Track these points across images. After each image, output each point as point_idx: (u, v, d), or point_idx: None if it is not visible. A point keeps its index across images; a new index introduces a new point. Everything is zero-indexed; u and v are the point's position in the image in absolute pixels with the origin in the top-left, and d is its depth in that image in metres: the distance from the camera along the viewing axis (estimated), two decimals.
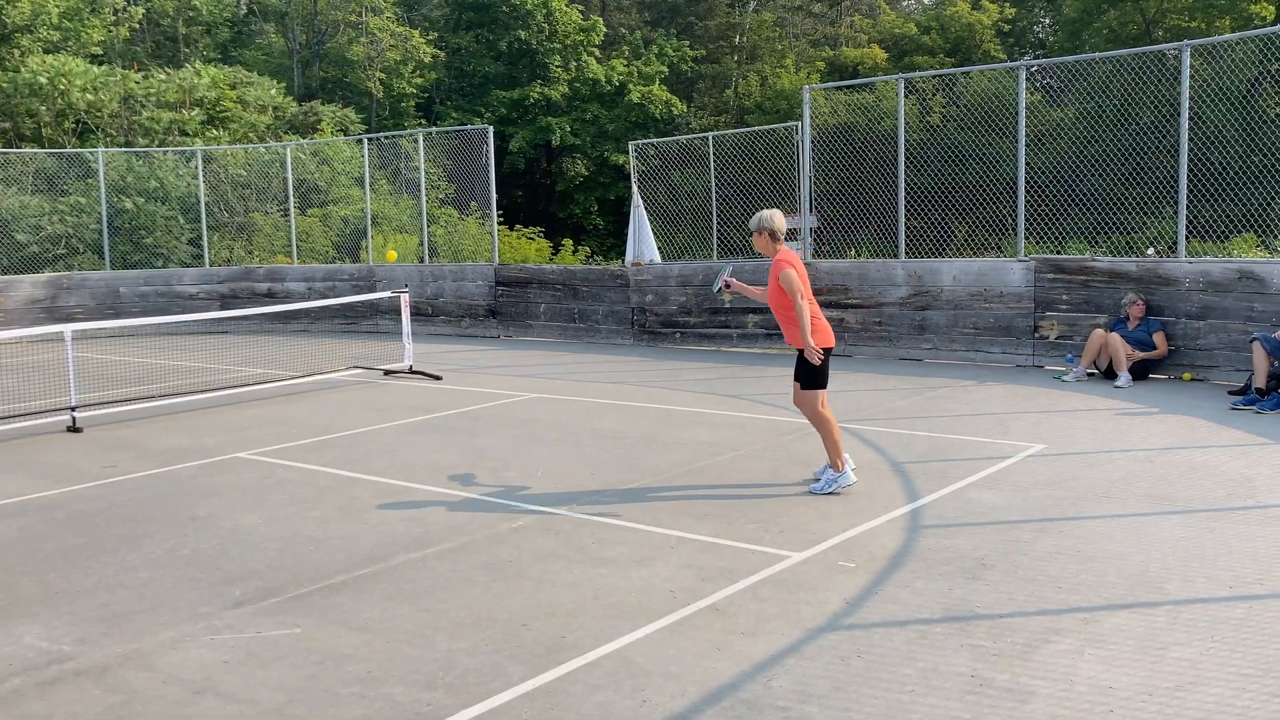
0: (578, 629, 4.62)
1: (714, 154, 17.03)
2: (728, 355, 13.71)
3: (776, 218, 6.87)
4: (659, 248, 16.40)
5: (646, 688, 4.03)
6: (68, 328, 9.99)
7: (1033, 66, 12.36)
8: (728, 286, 7.24)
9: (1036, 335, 11.76)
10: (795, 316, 6.71)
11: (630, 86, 39.66)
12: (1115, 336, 10.58)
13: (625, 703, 3.92)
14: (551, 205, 40.03)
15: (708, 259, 17.26)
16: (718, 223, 17.33)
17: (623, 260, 17.60)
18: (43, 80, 26.59)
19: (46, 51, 30.03)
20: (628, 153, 38.17)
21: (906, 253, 12.83)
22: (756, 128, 17.74)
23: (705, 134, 18.13)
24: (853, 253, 14.91)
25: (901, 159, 12.64)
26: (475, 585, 5.20)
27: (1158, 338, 10.67)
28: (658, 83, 40.36)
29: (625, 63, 40.61)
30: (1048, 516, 6.13)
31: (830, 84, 16.05)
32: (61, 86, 26.75)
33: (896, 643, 4.40)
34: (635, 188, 16.26)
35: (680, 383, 11.48)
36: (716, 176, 17.23)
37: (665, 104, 39.84)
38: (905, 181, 12.63)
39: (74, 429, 9.53)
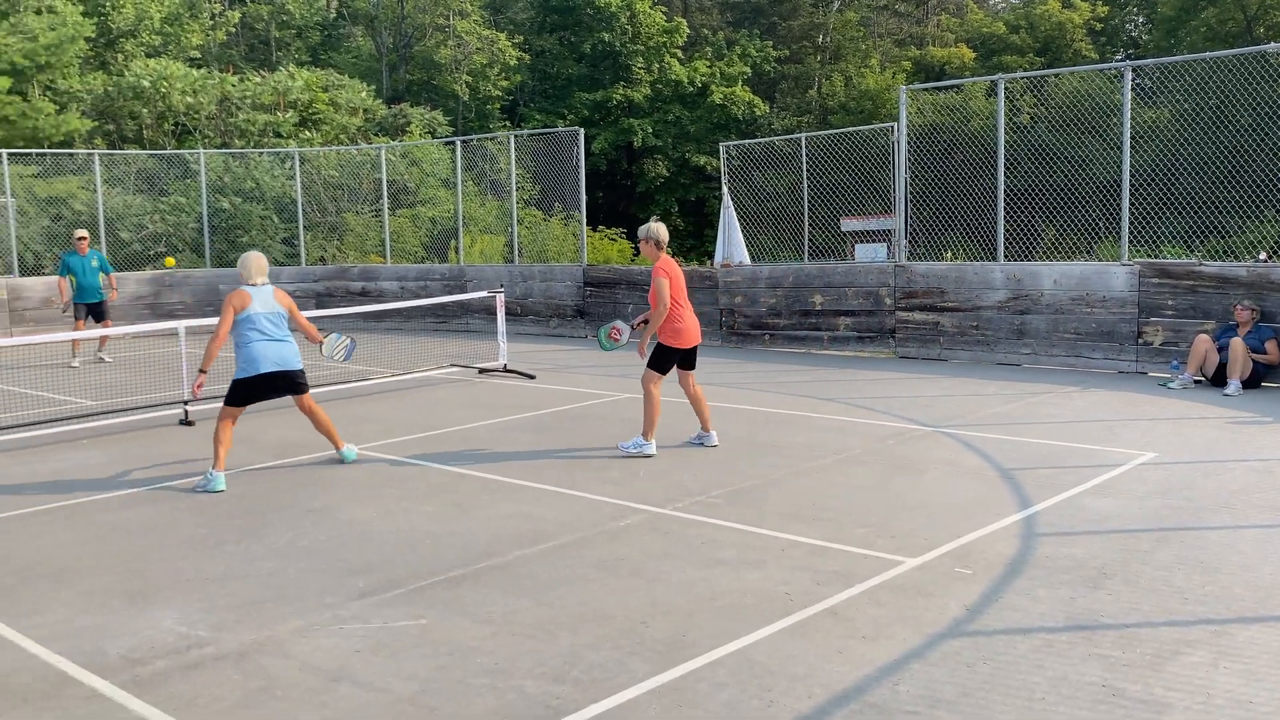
0: (697, 628, 4.65)
1: (805, 155, 16.93)
2: (818, 358, 13.64)
3: (661, 230, 8.27)
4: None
5: (772, 688, 4.05)
6: (181, 324, 10.32)
7: (1136, 66, 12.06)
8: (618, 332, 8.71)
9: (1140, 341, 11.50)
10: (654, 314, 8.03)
11: (712, 87, 39.66)
12: (1238, 342, 10.27)
13: (752, 702, 3.94)
14: (632, 206, 40.19)
15: (798, 261, 17.19)
16: (813, 224, 17.24)
17: (710, 261, 17.62)
18: (145, 83, 27.49)
19: (149, 56, 31.07)
20: (709, 154, 38.40)
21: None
22: (849, 128, 17.61)
23: (796, 135, 18.05)
24: (949, 255, 14.74)
25: (1001, 160, 12.46)
26: (591, 582, 5.26)
27: (1270, 345, 10.36)
28: (740, 83, 40.30)
29: (708, 64, 40.62)
30: (1166, 526, 6.00)
31: (927, 85, 15.85)
32: (163, 90, 27.63)
33: (1022, 650, 4.35)
34: (725, 189, 16.26)
35: (773, 385, 11.45)
36: (801, 177, 17.15)
37: (747, 105, 39.77)
38: (995, 183, 12.45)
39: (186, 422, 9.85)
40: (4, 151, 19.97)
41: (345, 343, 8.72)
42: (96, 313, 14.66)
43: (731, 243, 15.69)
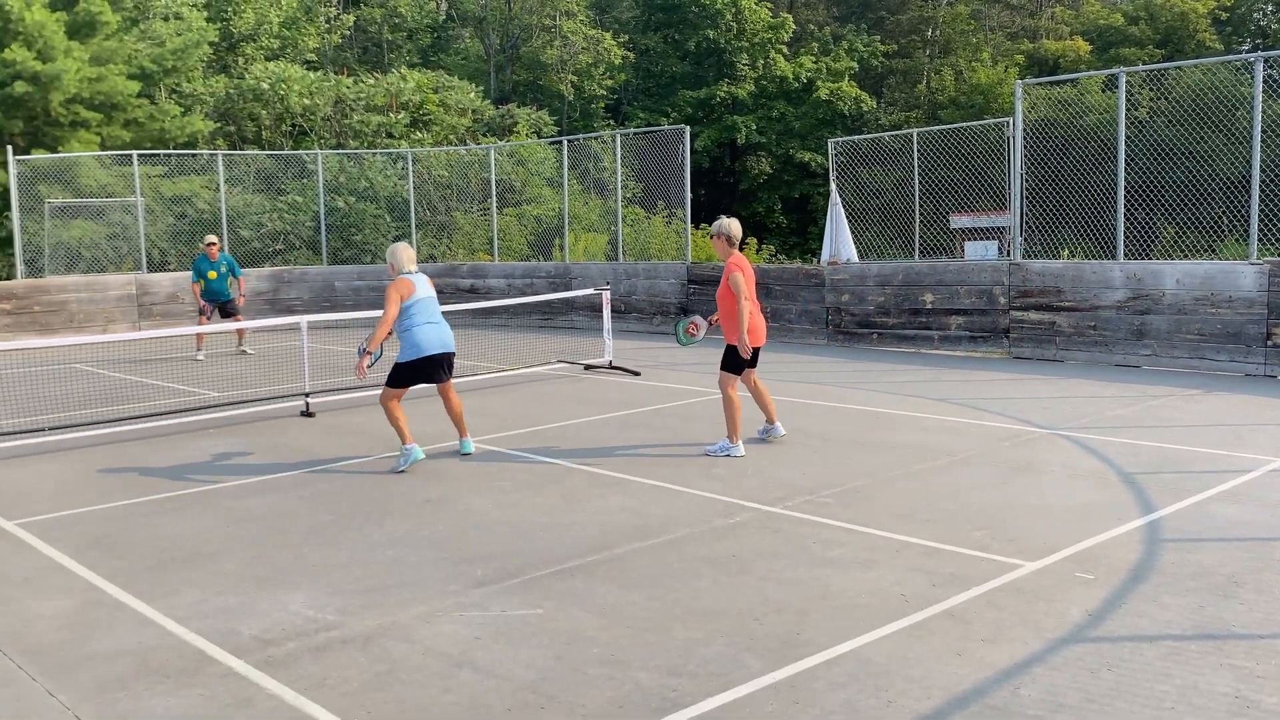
0: (810, 626, 4.65)
1: (917, 151, 16.68)
2: (928, 358, 13.43)
3: (734, 226, 8.17)
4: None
5: (889, 688, 4.03)
6: (303, 319, 10.67)
7: (1270, 58, 11.55)
8: (696, 328, 8.83)
9: (1269, 343, 11.05)
10: (737, 313, 7.94)
11: (818, 83, 39.29)
12: None
13: (869, 701, 3.92)
14: (734, 203, 40.06)
15: (907, 259, 16.94)
16: (921, 221, 16.97)
17: (814, 259, 17.48)
18: (264, 86, 28.42)
19: (267, 59, 32.12)
20: (813, 150, 38.08)
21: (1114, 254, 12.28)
22: (961, 124, 17.28)
23: (907, 131, 17.79)
24: (1065, 253, 14.37)
25: (1121, 157, 12.09)
26: (702, 578, 5.30)
27: None
28: (846, 79, 39.84)
29: (813, 59, 40.26)
30: None
31: (1043, 79, 15.46)
32: (281, 92, 28.52)
33: (1148, 658, 4.24)
34: (834, 186, 16.11)
35: (881, 385, 11.32)
36: (909, 173, 16.90)
37: (854, 100, 39.29)
38: (1114, 179, 12.08)
39: (307, 414, 10.18)
40: (135, 153, 20.90)
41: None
42: (225, 311, 15.21)
43: (839, 240, 15.54)
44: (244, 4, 32.28)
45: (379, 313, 12.33)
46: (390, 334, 7.85)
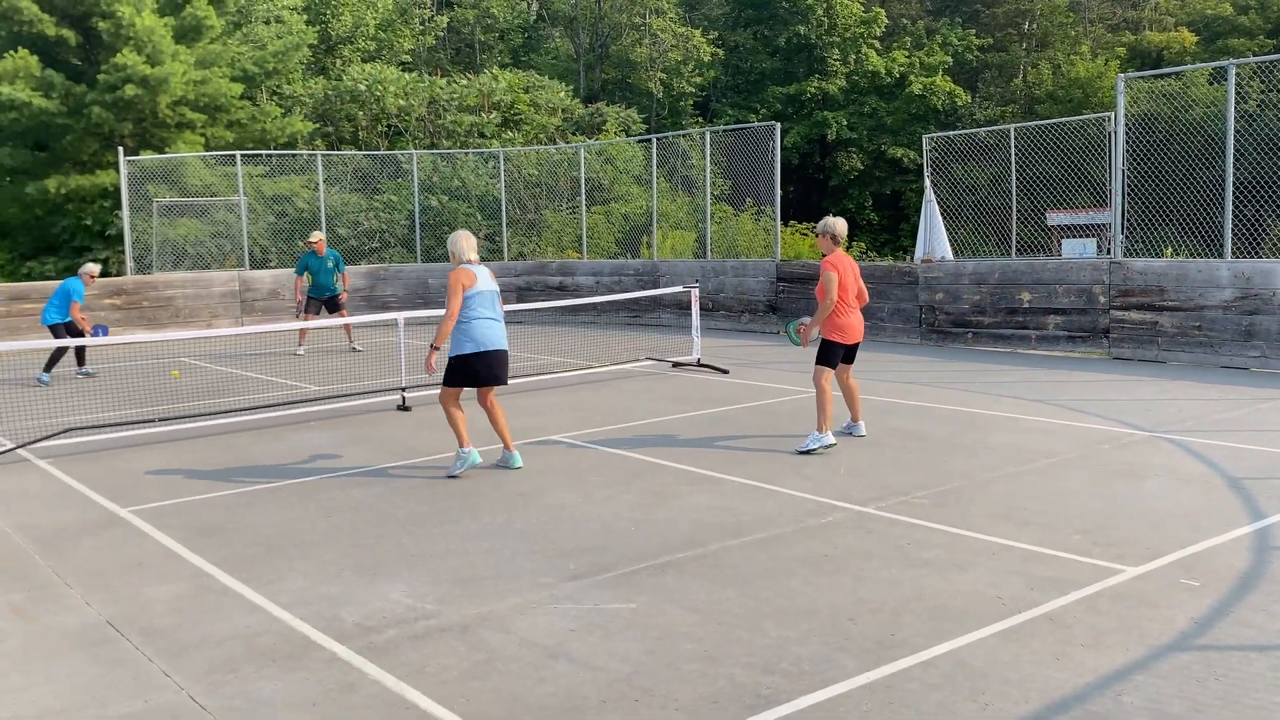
0: (905, 627, 4.61)
1: (1014, 147, 16.35)
2: (1025, 358, 13.16)
3: (840, 225, 8.35)
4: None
5: (986, 691, 3.98)
6: (400, 315, 10.90)
7: None
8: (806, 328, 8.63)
9: None
10: (820, 307, 8.17)
11: (911, 78, 38.73)
12: None
13: (966, 704, 3.88)
14: (824, 200, 39.71)
15: (1003, 256, 16.61)
16: (1017, 218, 16.64)
17: (906, 256, 17.25)
18: (361, 87, 29.08)
19: (364, 61, 32.85)
20: (906, 146, 37.53)
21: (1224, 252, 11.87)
22: (1060, 119, 16.88)
23: (1004, 126, 17.44)
24: (1168, 251, 13.94)
25: (1230, 151, 11.69)
26: (795, 577, 5.29)
27: None
28: (940, 73, 39.18)
29: (906, 54, 39.70)
30: None
31: (1146, 72, 15.02)
32: (377, 93, 29.15)
33: (1259, 668, 4.12)
34: (928, 182, 15.88)
35: (977, 385, 11.13)
36: (1005, 169, 16.56)
37: (948, 95, 38.63)
38: (1222, 175, 11.68)
39: (403, 408, 10.41)
40: (238, 153, 21.56)
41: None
42: (331, 305, 15.49)
43: (933, 237, 15.32)
44: (342, 7, 33.05)
45: None
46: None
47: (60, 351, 13.08)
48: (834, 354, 8.27)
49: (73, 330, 12.99)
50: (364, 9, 33.95)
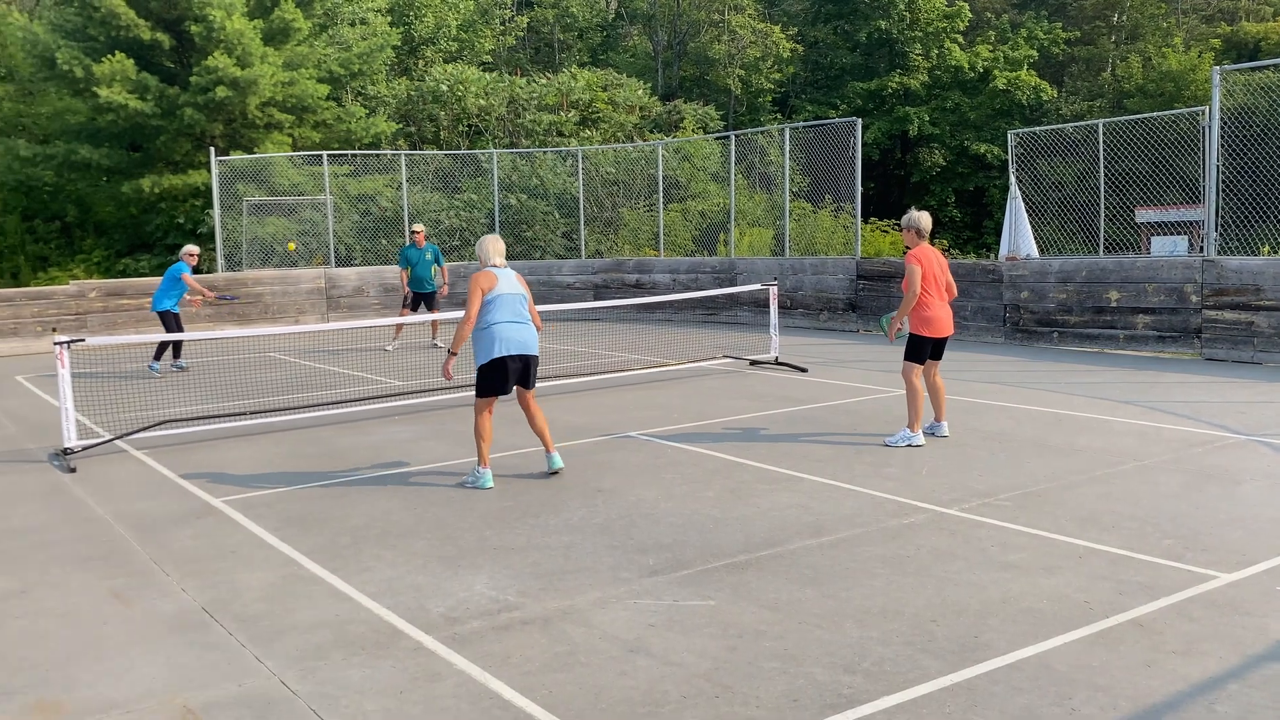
0: (989, 630, 4.55)
1: (1103, 142, 15.97)
2: (1112, 358, 12.86)
3: (924, 219, 8.27)
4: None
5: (1072, 696, 3.91)
6: None
7: None
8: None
9: None
10: (904, 300, 8.16)
11: (995, 72, 38.01)
12: None
13: (1052, 709, 3.82)
14: (905, 197, 39.17)
15: (1091, 254, 16.23)
16: (1105, 215, 16.25)
17: (990, 254, 16.95)
18: (443, 88, 29.48)
19: (446, 61, 33.30)
20: (989, 142, 36.83)
21: None
22: (1151, 113, 16.43)
23: (1092, 121, 17.04)
24: (1266, 249, 13.50)
25: None
26: (876, 577, 5.25)
27: None
28: (1025, 67, 38.40)
29: (990, 48, 38.97)
30: None
31: (1243, 64, 14.55)
32: (458, 93, 29.53)
33: None
34: (1013, 179, 15.59)
35: (1063, 385, 10.91)
36: (1092, 165, 16.18)
37: (1033, 89, 37.83)
38: None
39: None
40: (324, 153, 22.04)
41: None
42: (427, 301, 15.65)
43: (1018, 235, 15.03)
44: (425, 9, 33.54)
45: (564, 307, 12.66)
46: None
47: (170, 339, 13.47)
48: (922, 349, 8.26)
49: (178, 322, 13.47)
50: (446, 10, 34.41)
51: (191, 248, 13.92)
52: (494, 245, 7.44)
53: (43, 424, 10.15)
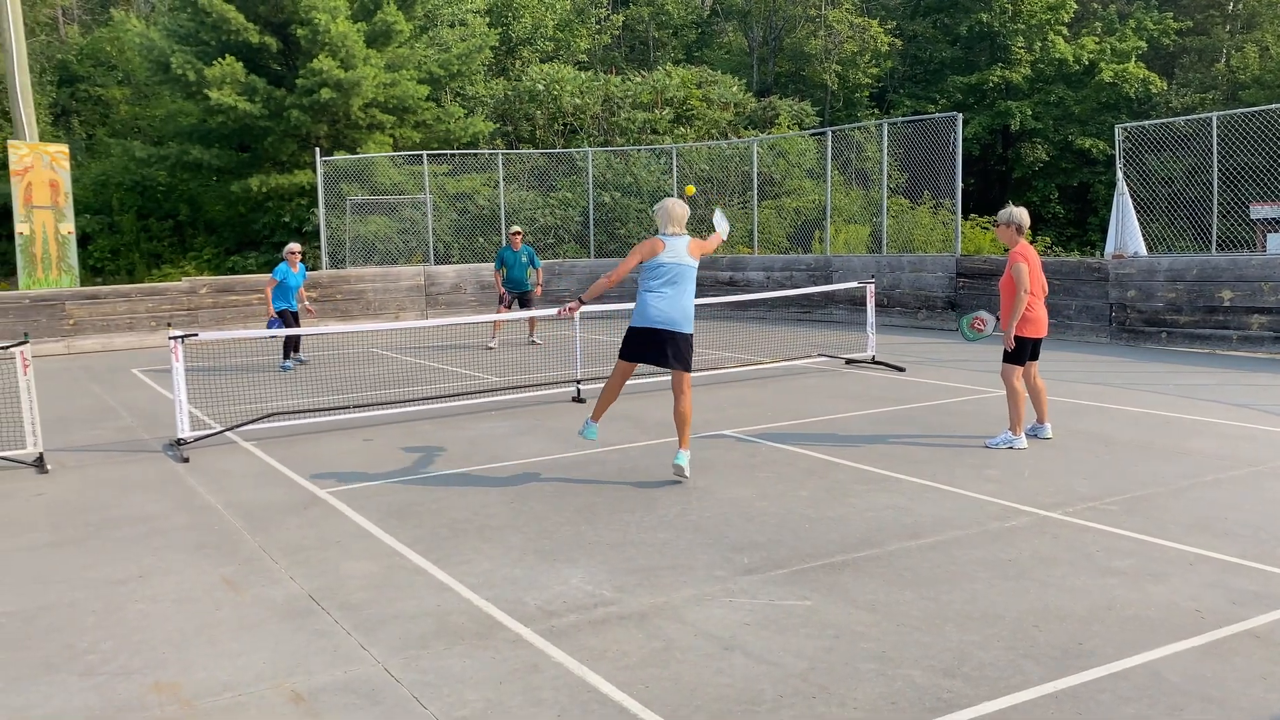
0: (1094, 637, 4.44)
1: (1217, 136, 15.40)
2: (1224, 359, 12.41)
3: (1023, 215, 8.04)
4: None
5: (1184, 708, 3.80)
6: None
7: None
8: (982, 322, 8.59)
9: None
10: (1014, 302, 7.93)
11: (1101, 65, 36.91)
12: None
13: None
14: (1006, 193, 38.31)
15: (1203, 252, 15.68)
16: (1218, 212, 15.67)
17: (1097, 251, 16.47)
18: (540, 87, 29.80)
19: (542, 61, 33.65)
20: (1094, 136, 35.79)
21: None
22: (1269, 106, 15.80)
23: (1206, 114, 16.45)
24: None
25: None
26: (976, 580, 5.16)
27: None
28: (1133, 59, 37.21)
29: (1096, 40, 37.86)
30: None
31: None
32: (554, 92, 29.81)
33: None
34: (1120, 174, 15.14)
35: (1171, 387, 10.57)
36: (1204, 160, 15.59)
37: (1141, 82, 36.64)
38: None
39: (578, 399, 10.65)
40: (424, 153, 22.48)
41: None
42: (523, 300, 15.79)
43: (1125, 231, 14.58)
44: (522, 9, 33.93)
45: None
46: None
47: (292, 336, 13.63)
48: (1022, 349, 8.10)
49: (291, 316, 13.73)
50: (543, 11, 34.76)
51: (293, 245, 13.91)
52: (672, 211, 7.19)
53: (157, 415, 10.56)
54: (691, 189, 8.65)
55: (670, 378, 7.33)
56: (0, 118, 28.90)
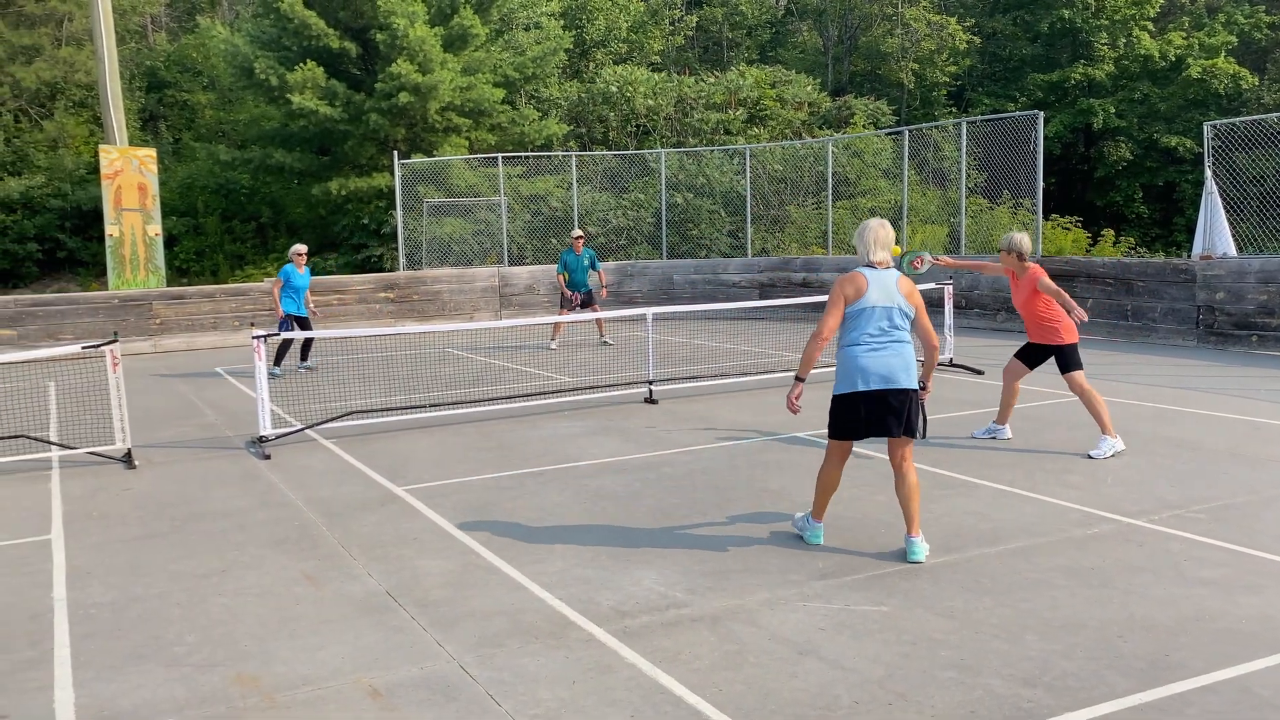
0: (1183, 649, 4.31)
1: None
2: None
3: (1022, 240, 8.20)
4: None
5: None
6: (649, 310, 11.17)
7: None
8: (920, 261, 8.82)
9: None
10: (1049, 317, 8.02)
11: (1189, 60, 35.88)
12: None
13: None
14: (1088, 193, 37.46)
15: None
16: None
17: (1184, 252, 16.01)
18: (613, 89, 29.90)
19: (615, 63, 33.77)
20: (1181, 134, 34.82)
21: None
22: None
23: None
24: None
25: None
26: (1057, 589, 5.05)
27: None
28: (1223, 55, 36.11)
29: (1183, 35, 36.82)
30: None
31: None
32: (628, 94, 29.90)
33: None
34: (1209, 173, 14.70)
35: (1262, 392, 10.23)
36: None
37: (1231, 78, 35.53)
38: None
39: (650, 400, 10.65)
40: (499, 155, 22.70)
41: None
42: (586, 302, 15.95)
43: (1214, 232, 14.15)
44: (596, 12, 34.08)
45: (730, 305, 12.62)
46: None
47: (286, 344, 13.38)
48: (1076, 355, 8.09)
49: (303, 322, 13.29)
50: (617, 13, 34.88)
51: (299, 247, 13.52)
52: (875, 235, 5.60)
53: (240, 413, 10.81)
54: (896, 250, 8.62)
55: (887, 447, 5.75)
56: (92, 123, 29.88)
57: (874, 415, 5.51)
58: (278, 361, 13.29)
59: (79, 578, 5.70)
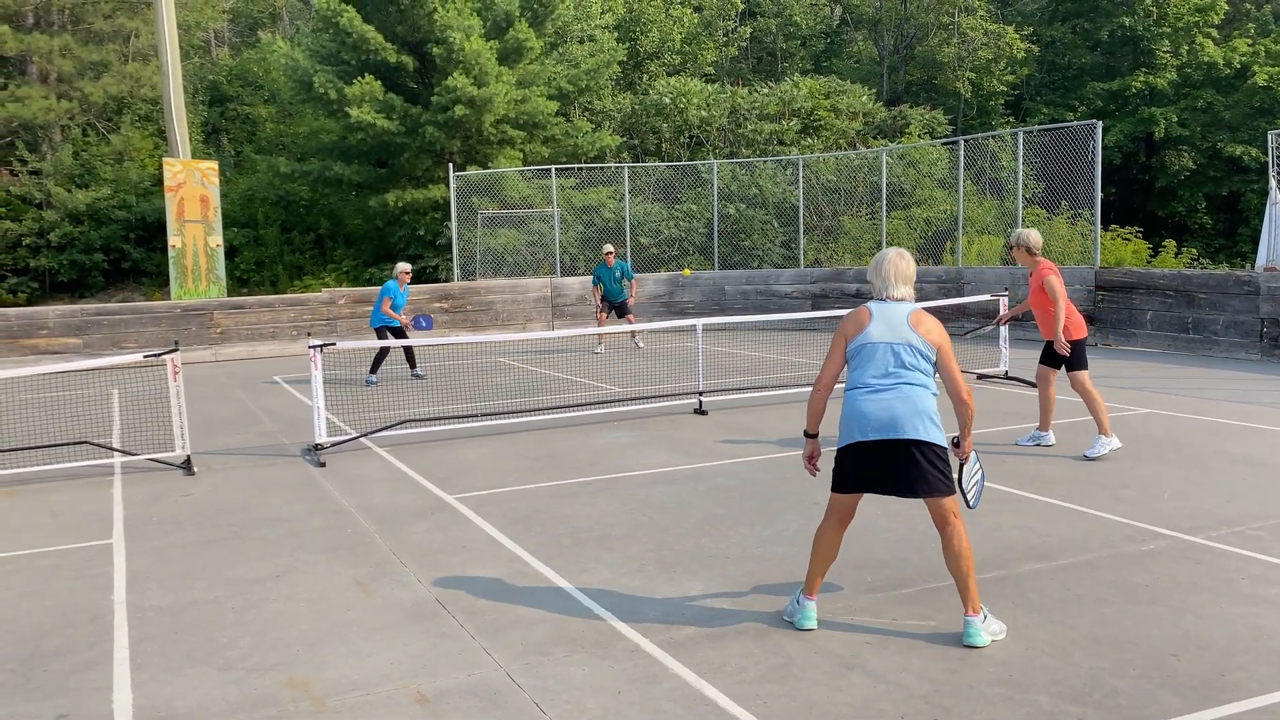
0: (1238, 668, 4.23)
1: None
2: None
3: (1030, 235, 8.42)
4: None
5: None
6: (699, 322, 11.18)
7: None
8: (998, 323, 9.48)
9: None
10: (1055, 315, 8.19)
11: (1254, 68, 35.14)
12: None
13: None
14: (1149, 203, 36.83)
15: None
16: None
17: (1248, 264, 15.68)
18: (666, 100, 29.98)
19: (669, 74, 33.86)
20: (1246, 143, 34.11)
21: None
22: None
23: None
24: None
25: None
26: (1108, 605, 4.97)
27: None
28: None
29: (1249, 42, 36.08)
30: None
31: None
32: (681, 105, 29.96)
33: None
34: (1274, 182, 14.40)
35: None
36: None
37: None
38: None
39: (700, 411, 10.66)
40: (552, 167, 22.87)
41: (977, 477, 5.28)
42: (619, 310, 16.90)
43: (1278, 243, 13.86)
44: (650, 24, 34.21)
45: (782, 316, 12.57)
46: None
47: (383, 353, 13.88)
48: (1082, 353, 8.32)
49: (397, 332, 13.81)
50: (670, 24, 34.98)
51: (403, 265, 13.98)
52: (892, 267, 4.86)
53: (297, 421, 11.00)
54: (688, 270, 8.76)
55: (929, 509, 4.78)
56: (157, 136, 30.60)
57: (875, 471, 4.68)
58: (375, 370, 13.94)
59: (138, 581, 5.84)
